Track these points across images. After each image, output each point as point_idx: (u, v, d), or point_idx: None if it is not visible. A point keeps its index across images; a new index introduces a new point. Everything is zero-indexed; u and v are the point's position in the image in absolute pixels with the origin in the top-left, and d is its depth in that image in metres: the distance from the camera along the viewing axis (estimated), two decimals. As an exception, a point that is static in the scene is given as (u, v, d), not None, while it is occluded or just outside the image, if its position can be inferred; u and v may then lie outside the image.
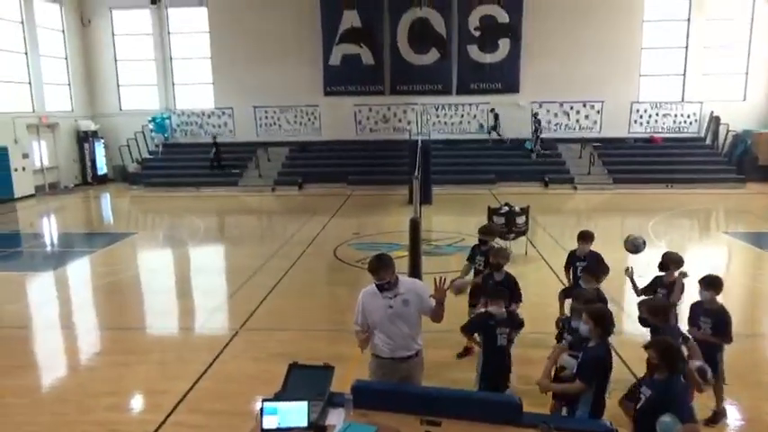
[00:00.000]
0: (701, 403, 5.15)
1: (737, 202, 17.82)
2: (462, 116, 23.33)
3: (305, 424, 3.48)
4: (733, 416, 5.46)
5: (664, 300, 5.33)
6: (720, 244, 13.12)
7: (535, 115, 22.19)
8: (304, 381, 3.98)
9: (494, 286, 5.43)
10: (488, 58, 22.80)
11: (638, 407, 3.68)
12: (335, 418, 3.70)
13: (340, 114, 23.50)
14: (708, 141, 22.65)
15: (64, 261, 12.02)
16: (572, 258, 6.74)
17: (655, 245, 12.63)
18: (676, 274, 5.68)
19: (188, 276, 11.36)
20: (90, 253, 12.53)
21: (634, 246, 6.53)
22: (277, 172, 22.29)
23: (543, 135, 22.33)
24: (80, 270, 11.49)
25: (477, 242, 6.92)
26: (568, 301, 5.44)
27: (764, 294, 9.41)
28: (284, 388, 3.98)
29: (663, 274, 5.82)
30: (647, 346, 3.65)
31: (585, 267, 5.85)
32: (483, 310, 5.21)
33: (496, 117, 22.80)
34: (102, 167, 23.77)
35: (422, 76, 23.08)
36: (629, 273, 5.98)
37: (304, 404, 3.55)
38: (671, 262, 5.76)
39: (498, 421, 3.59)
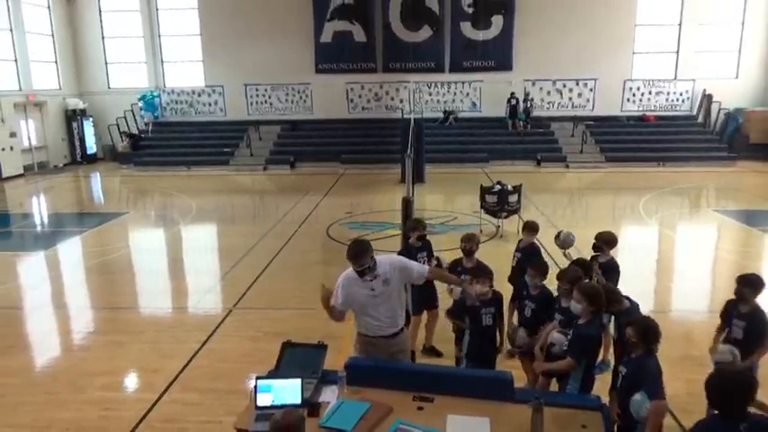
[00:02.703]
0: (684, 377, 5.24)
1: (728, 180, 17.90)
2: (455, 94, 23.18)
3: (298, 401, 3.51)
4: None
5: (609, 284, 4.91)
6: (710, 221, 13.21)
7: (512, 95, 21.99)
8: (297, 359, 4.02)
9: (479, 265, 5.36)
10: (481, 36, 22.56)
11: (617, 386, 3.75)
12: (329, 395, 3.74)
13: (332, 92, 23.26)
14: (700, 119, 22.64)
15: (55, 241, 11.94)
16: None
17: (646, 223, 12.76)
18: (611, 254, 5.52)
19: (180, 256, 11.32)
20: (81, 233, 12.44)
21: (564, 243, 6.16)
22: (269, 150, 22.13)
23: (538, 113, 22.29)
24: (71, 250, 11.42)
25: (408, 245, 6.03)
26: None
27: (753, 271, 9.48)
28: (278, 366, 4.02)
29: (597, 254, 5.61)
30: (627, 324, 3.68)
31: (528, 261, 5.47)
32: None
33: (447, 113, 22.72)
34: (92, 146, 23.53)
35: (414, 54, 22.83)
36: (567, 257, 5.82)
37: (297, 382, 3.58)
38: (603, 243, 5.59)
39: (490, 397, 3.64)
